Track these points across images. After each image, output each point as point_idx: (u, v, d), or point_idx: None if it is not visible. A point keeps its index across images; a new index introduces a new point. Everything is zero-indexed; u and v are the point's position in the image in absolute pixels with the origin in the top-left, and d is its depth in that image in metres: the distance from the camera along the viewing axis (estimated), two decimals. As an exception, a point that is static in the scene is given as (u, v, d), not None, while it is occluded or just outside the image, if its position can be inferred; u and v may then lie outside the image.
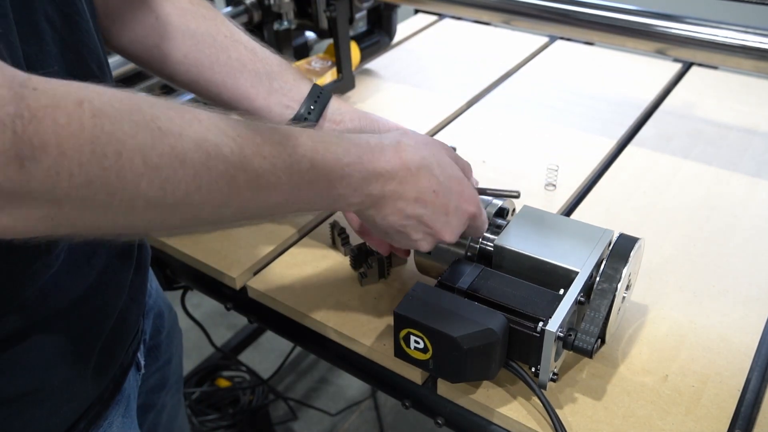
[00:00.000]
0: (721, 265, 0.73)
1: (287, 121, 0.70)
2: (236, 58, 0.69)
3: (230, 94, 0.70)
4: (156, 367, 0.76)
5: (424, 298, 0.58)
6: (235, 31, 0.71)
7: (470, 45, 1.27)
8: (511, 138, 0.98)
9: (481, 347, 0.55)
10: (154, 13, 0.67)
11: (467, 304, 0.58)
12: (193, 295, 0.98)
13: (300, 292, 0.73)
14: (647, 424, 0.57)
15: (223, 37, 0.70)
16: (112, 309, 0.59)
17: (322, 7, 1.01)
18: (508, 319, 0.57)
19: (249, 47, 0.71)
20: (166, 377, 0.79)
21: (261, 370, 1.64)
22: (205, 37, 0.69)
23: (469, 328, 0.55)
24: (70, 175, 0.35)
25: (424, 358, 0.58)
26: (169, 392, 0.81)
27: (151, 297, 0.75)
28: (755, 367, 0.62)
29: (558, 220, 0.67)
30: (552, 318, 0.55)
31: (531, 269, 0.62)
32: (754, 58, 0.82)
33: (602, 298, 0.59)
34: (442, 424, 0.64)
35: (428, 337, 0.56)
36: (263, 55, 0.71)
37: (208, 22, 0.70)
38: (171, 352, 0.80)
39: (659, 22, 0.87)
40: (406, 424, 1.69)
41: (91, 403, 0.58)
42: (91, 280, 0.55)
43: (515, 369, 0.59)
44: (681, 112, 1.02)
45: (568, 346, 0.57)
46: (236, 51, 0.70)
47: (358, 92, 1.11)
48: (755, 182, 0.86)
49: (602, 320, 0.58)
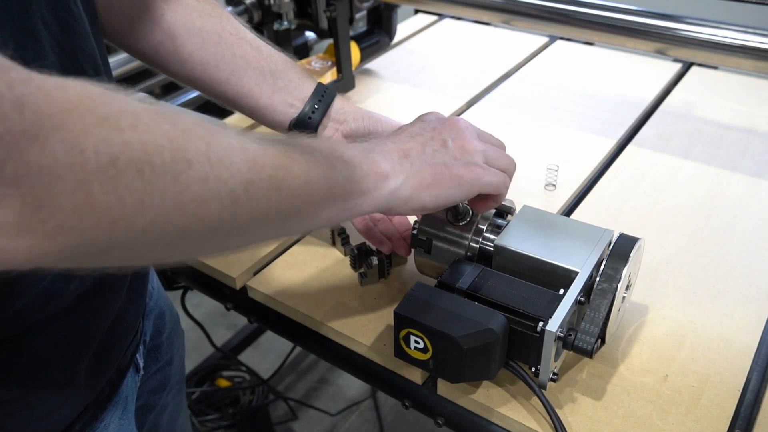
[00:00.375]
0: (721, 265, 0.73)
1: (291, 120, 0.70)
2: (241, 56, 0.70)
3: (235, 92, 0.70)
4: (156, 367, 0.76)
5: (424, 298, 0.58)
6: (240, 29, 0.71)
7: (470, 45, 1.27)
8: (511, 138, 0.97)
9: (481, 347, 0.55)
10: (159, 10, 0.67)
11: (467, 304, 0.58)
12: (193, 295, 0.98)
13: (300, 292, 0.73)
14: (647, 424, 0.57)
15: (228, 34, 0.70)
16: (110, 311, 0.58)
17: (322, 7, 1.02)
18: (508, 319, 0.57)
19: (254, 45, 0.71)
20: (168, 378, 0.79)
21: (261, 370, 1.64)
22: (210, 35, 0.69)
23: (469, 328, 0.55)
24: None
25: (424, 358, 0.58)
26: (171, 393, 0.81)
27: (152, 298, 0.74)
28: (755, 367, 0.62)
29: (558, 220, 0.67)
30: (552, 318, 0.55)
31: (531, 269, 0.62)
32: (754, 58, 0.82)
33: (602, 298, 0.59)
34: (442, 424, 0.64)
35: (428, 337, 0.56)
36: (268, 53, 0.71)
37: (213, 20, 0.69)
38: (172, 352, 0.79)
39: (659, 22, 0.88)
40: (406, 424, 1.69)
41: (86, 405, 0.58)
42: (88, 283, 0.55)
43: (515, 369, 0.59)
44: (681, 112, 1.03)
45: (568, 346, 0.57)
46: (241, 49, 0.70)
47: (358, 92, 1.11)
48: (755, 182, 0.86)
49: (602, 320, 0.58)
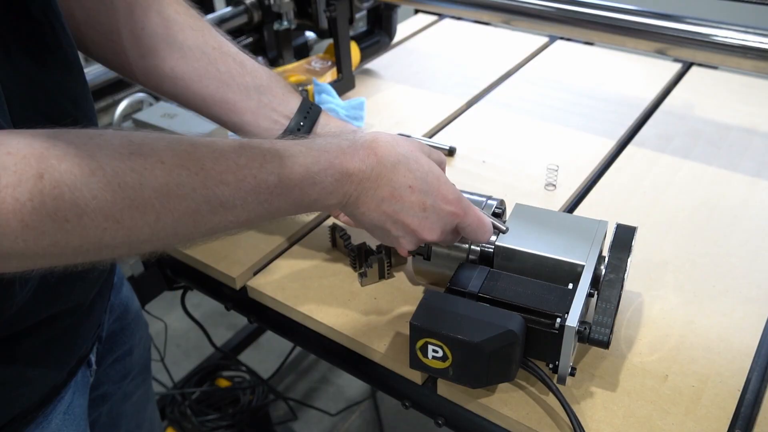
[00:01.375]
0: (721, 265, 0.73)
1: (276, 136, 0.70)
2: (225, 71, 0.69)
3: (218, 108, 0.69)
4: (113, 358, 0.76)
5: (438, 306, 0.57)
6: (223, 43, 0.70)
7: (470, 45, 1.27)
8: (511, 138, 0.98)
9: (502, 349, 0.55)
10: (139, 24, 0.66)
11: (482, 308, 0.57)
12: (193, 295, 0.98)
13: (300, 292, 0.73)
14: (647, 424, 0.57)
15: (212, 49, 0.68)
16: (80, 305, 0.59)
17: (322, 7, 1.02)
18: (525, 319, 0.57)
19: (238, 60, 0.70)
20: (128, 368, 0.79)
21: (261, 370, 1.64)
22: (192, 50, 0.68)
23: (488, 332, 0.54)
24: (35, 240, 0.38)
25: (444, 366, 0.57)
26: (134, 381, 0.81)
27: (118, 293, 0.75)
28: (755, 367, 0.62)
29: (552, 215, 0.68)
30: (570, 313, 0.55)
31: (535, 266, 0.62)
32: (754, 58, 0.82)
33: (612, 288, 0.59)
34: (442, 424, 0.64)
35: (448, 345, 0.55)
36: (252, 67, 0.70)
37: (195, 34, 0.68)
38: (132, 342, 0.79)
39: (659, 22, 0.87)
40: (406, 424, 1.69)
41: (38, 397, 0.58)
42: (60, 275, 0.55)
43: (533, 368, 0.59)
44: (681, 112, 1.02)
45: (584, 339, 0.57)
46: (225, 64, 0.69)
47: (358, 92, 1.11)
48: (755, 182, 0.86)
49: (614, 310, 0.58)
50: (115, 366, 0.77)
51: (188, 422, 1.48)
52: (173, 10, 0.68)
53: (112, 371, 0.76)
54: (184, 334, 1.92)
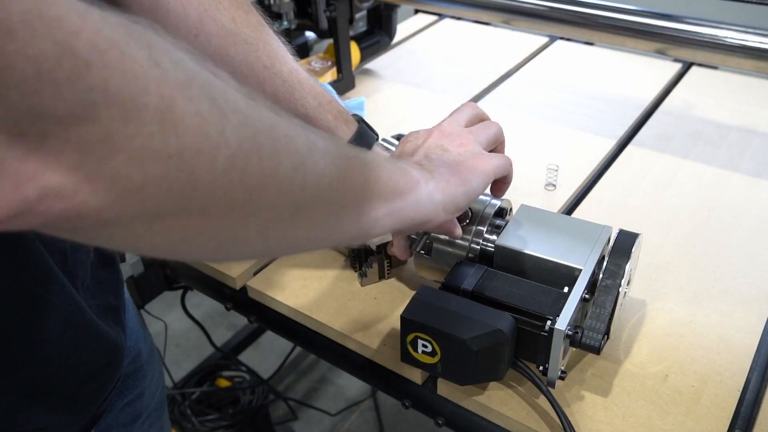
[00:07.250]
0: (721, 265, 0.73)
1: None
2: (271, 93, 0.65)
3: None
4: (125, 402, 0.72)
5: (430, 301, 0.58)
6: (276, 60, 0.65)
7: (470, 45, 1.27)
8: (511, 138, 0.97)
9: (490, 348, 0.55)
10: (194, 30, 0.62)
11: (474, 306, 0.57)
12: (193, 295, 0.98)
13: (300, 292, 0.73)
14: (647, 424, 0.57)
15: (262, 67, 0.64)
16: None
17: (322, 7, 1.02)
18: (516, 319, 0.57)
19: (288, 82, 0.66)
20: (138, 411, 0.75)
21: (261, 370, 1.64)
22: (241, 67, 0.64)
23: (477, 330, 0.55)
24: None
25: (432, 362, 0.58)
26: (144, 424, 0.77)
27: (130, 338, 0.71)
28: (755, 367, 0.62)
29: (556, 218, 0.68)
30: (560, 316, 0.55)
31: (533, 268, 0.62)
32: (754, 58, 0.82)
33: (607, 294, 0.59)
34: (442, 424, 0.64)
35: (437, 340, 0.56)
36: (301, 92, 0.66)
37: (248, 48, 0.64)
38: (143, 386, 0.75)
39: (659, 22, 0.87)
40: (406, 424, 1.69)
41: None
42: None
43: (523, 369, 0.59)
44: (681, 112, 1.02)
45: (575, 343, 0.57)
46: (272, 86, 0.65)
47: (358, 92, 1.11)
48: (755, 182, 0.86)
49: (608, 316, 0.58)
50: (125, 410, 0.72)
51: (188, 422, 1.48)
52: (230, 18, 0.63)
53: (122, 415, 0.72)
54: (184, 334, 1.92)
